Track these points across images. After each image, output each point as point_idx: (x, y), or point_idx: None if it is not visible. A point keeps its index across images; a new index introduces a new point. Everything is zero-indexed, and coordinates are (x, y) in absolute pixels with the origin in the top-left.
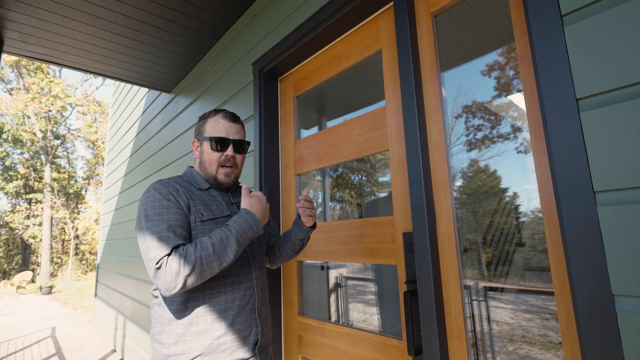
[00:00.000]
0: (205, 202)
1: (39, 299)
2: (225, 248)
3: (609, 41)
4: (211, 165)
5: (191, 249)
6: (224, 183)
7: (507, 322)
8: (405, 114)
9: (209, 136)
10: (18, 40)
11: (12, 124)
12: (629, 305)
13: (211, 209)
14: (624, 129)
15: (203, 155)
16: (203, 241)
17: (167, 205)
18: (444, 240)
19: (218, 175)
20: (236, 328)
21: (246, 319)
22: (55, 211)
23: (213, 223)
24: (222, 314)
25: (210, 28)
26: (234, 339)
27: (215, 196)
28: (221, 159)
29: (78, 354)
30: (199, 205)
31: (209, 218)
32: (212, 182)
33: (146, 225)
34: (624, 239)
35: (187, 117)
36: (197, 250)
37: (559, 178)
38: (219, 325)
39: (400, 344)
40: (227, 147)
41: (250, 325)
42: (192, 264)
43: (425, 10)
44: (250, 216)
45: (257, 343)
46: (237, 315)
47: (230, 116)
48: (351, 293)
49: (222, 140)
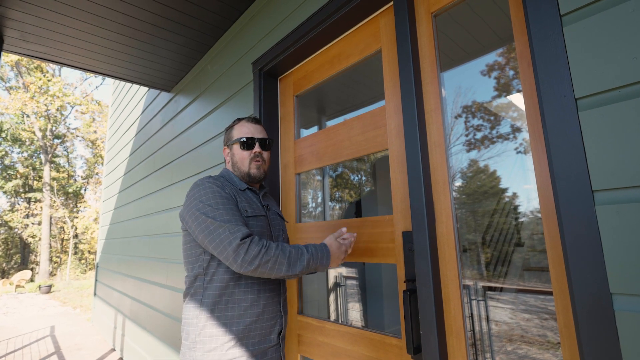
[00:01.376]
0: (248, 200)
1: (38, 298)
2: (297, 260)
3: (608, 41)
4: (243, 163)
5: (274, 245)
6: (256, 176)
7: (506, 322)
8: (405, 113)
9: (237, 138)
10: (18, 38)
11: (12, 122)
12: (626, 304)
13: (253, 207)
14: (622, 128)
15: (234, 157)
16: (285, 245)
17: (226, 197)
18: (443, 239)
19: (251, 170)
20: (265, 317)
21: (274, 309)
22: (54, 210)
23: (254, 220)
24: (254, 303)
25: (210, 27)
26: (263, 326)
27: (251, 197)
28: (251, 155)
29: (77, 353)
30: (244, 203)
31: (252, 215)
32: (246, 178)
33: (215, 214)
34: (622, 238)
35: (186, 116)
36: (277, 249)
37: (557, 177)
38: (251, 313)
39: (400, 342)
40: (254, 145)
41: (276, 315)
42: (270, 257)
43: (425, 10)
44: (326, 251)
45: (280, 332)
46: (267, 306)
47: (253, 119)
48: (350, 293)
49: (250, 139)
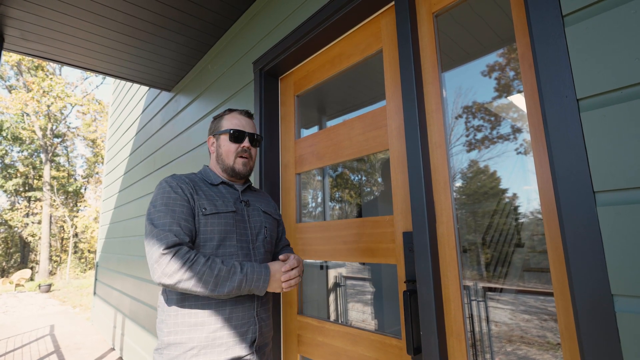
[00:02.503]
0: (211, 197)
1: (38, 297)
2: (227, 280)
3: (610, 42)
4: (229, 156)
5: (202, 260)
6: (241, 172)
7: (506, 323)
8: (406, 113)
9: (226, 129)
10: (18, 37)
11: (12, 121)
12: (628, 305)
13: (216, 204)
14: (624, 130)
15: (220, 148)
16: (215, 261)
17: (174, 198)
18: (444, 240)
19: (235, 165)
20: (233, 324)
21: (244, 315)
22: (54, 209)
23: (215, 217)
24: (219, 308)
25: (211, 27)
26: (230, 334)
27: (223, 193)
28: (238, 149)
29: (76, 352)
30: (203, 200)
31: (211, 212)
32: (229, 173)
33: (155, 216)
34: (624, 239)
35: (187, 115)
36: (205, 265)
37: (559, 178)
38: (215, 319)
39: (400, 343)
40: (244, 140)
41: (249, 322)
42: (195, 273)
43: (426, 10)
44: (265, 274)
45: (254, 341)
46: (234, 311)
47: (246, 113)
48: (350, 293)
49: (239, 132)
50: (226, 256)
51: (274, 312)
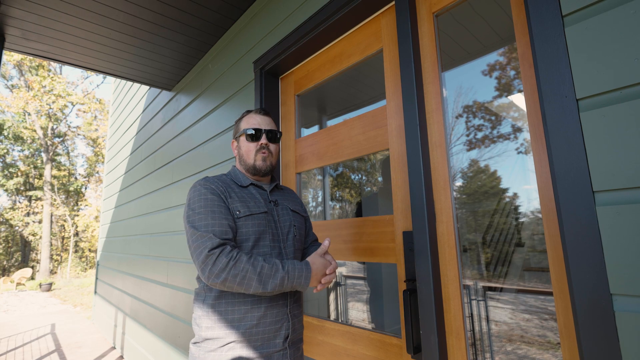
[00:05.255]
0: (244, 199)
1: (39, 296)
2: (269, 278)
3: (609, 42)
4: (249, 155)
5: (244, 258)
6: (262, 168)
7: (506, 322)
8: (406, 113)
9: (244, 129)
10: (19, 37)
11: (13, 120)
12: (627, 305)
13: (248, 205)
14: (623, 130)
15: (241, 149)
16: (258, 259)
17: (211, 199)
18: (444, 239)
19: (256, 162)
20: (268, 320)
21: (278, 312)
22: (55, 208)
23: (249, 219)
24: (255, 305)
25: (211, 26)
26: (265, 330)
27: (253, 194)
28: (257, 147)
29: (77, 351)
30: (237, 203)
31: (245, 214)
32: (252, 172)
33: (195, 218)
34: (623, 239)
35: (187, 115)
36: (248, 263)
37: (558, 178)
38: (251, 316)
39: (399, 342)
40: (261, 137)
41: (282, 319)
42: (238, 271)
43: (426, 10)
44: (307, 271)
45: (287, 337)
46: (269, 308)
47: (261, 111)
48: (350, 292)
49: (256, 130)
50: (260, 255)
51: None
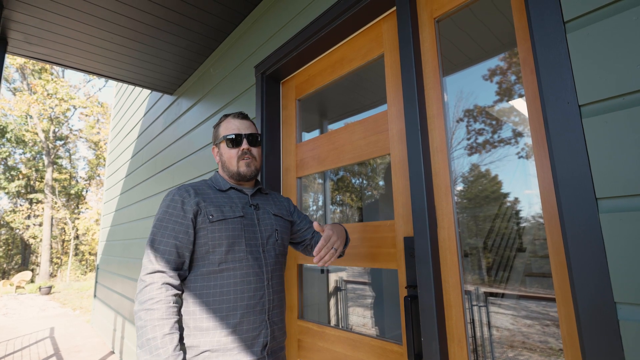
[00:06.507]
0: (219, 204)
1: (38, 299)
2: (145, 346)
3: (612, 48)
4: (231, 161)
5: (159, 314)
6: (246, 174)
7: (507, 328)
8: (407, 118)
9: (224, 136)
10: (22, 40)
11: (15, 123)
12: (631, 313)
13: (223, 210)
14: (626, 136)
15: (222, 156)
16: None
17: (171, 214)
18: (445, 244)
19: (240, 168)
20: (244, 327)
21: (255, 319)
22: (55, 211)
23: (223, 223)
24: (230, 313)
25: (213, 31)
26: (241, 338)
27: (232, 198)
28: (239, 153)
29: (76, 355)
30: (211, 207)
31: (218, 219)
32: (236, 178)
33: (154, 230)
34: (626, 246)
35: (189, 119)
36: (155, 320)
37: (560, 184)
38: (227, 323)
39: (400, 349)
40: (242, 142)
41: (260, 326)
42: (144, 319)
43: (428, 16)
44: None
45: (266, 345)
46: (245, 315)
47: (239, 115)
48: (351, 297)
49: (237, 136)
50: (235, 261)
51: None
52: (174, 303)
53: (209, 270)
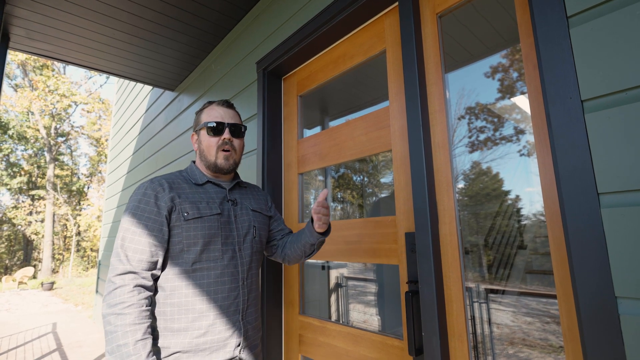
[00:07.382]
0: (195, 200)
1: (40, 294)
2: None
3: (615, 43)
4: (210, 150)
5: (130, 318)
6: (224, 167)
7: (508, 325)
8: (409, 114)
9: (205, 122)
10: (23, 36)
11: (17, 120)
12: (632, 308)
13: (199, 207)
14: (629, 131)
15: (201, 144)
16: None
17: (142, 209)
18: (446, 240)
19: (218, 159)
20: (217, 329)
21: (228, 320)
22: (57, 208)
23: (199, 221)
24: (203, 314)
25: (214, 26)
26: (214, 339)
27: (209, 192)
28: (219, 143)
29: (78, 350)
30: (186, 204)
31: (193, 217)
32: (213, 169)
33: (125, 226)
34: (628, 241)
35: (190, 115)
36: (127, 325)
37: (562, 179)
38: (199, 325)
39: (401, 344)
40: (224, 131)
41: (234, 327)
42: (114, 325)
43: (430, 11)
44: None
45: (239, 344)
46: (219, 316)
47: (224, 103)
48: (352, 293)
49: (218, 124)
50: (210, 261)
51: (275, 312)
52: (146, 307)
53: (182, 269)
